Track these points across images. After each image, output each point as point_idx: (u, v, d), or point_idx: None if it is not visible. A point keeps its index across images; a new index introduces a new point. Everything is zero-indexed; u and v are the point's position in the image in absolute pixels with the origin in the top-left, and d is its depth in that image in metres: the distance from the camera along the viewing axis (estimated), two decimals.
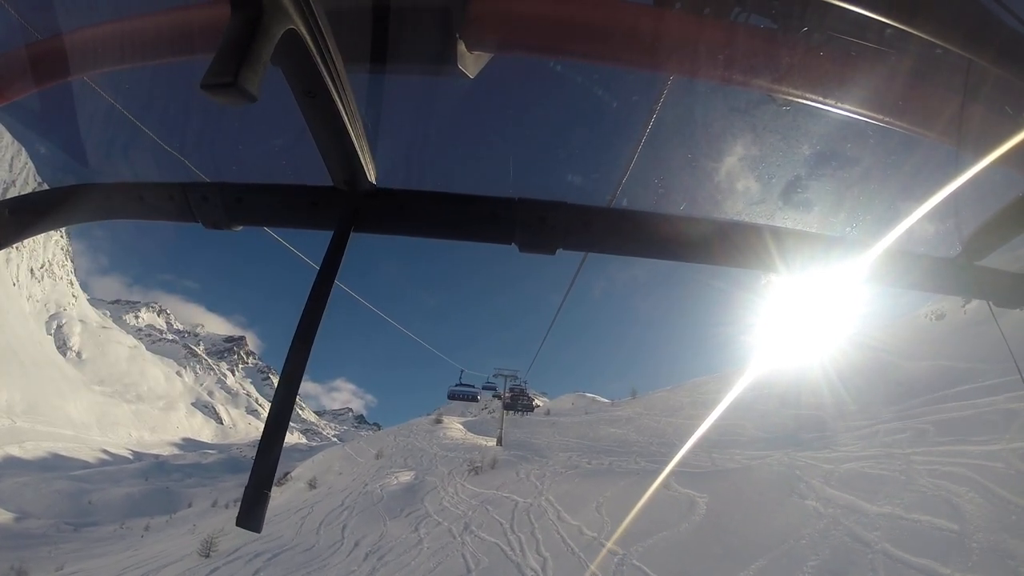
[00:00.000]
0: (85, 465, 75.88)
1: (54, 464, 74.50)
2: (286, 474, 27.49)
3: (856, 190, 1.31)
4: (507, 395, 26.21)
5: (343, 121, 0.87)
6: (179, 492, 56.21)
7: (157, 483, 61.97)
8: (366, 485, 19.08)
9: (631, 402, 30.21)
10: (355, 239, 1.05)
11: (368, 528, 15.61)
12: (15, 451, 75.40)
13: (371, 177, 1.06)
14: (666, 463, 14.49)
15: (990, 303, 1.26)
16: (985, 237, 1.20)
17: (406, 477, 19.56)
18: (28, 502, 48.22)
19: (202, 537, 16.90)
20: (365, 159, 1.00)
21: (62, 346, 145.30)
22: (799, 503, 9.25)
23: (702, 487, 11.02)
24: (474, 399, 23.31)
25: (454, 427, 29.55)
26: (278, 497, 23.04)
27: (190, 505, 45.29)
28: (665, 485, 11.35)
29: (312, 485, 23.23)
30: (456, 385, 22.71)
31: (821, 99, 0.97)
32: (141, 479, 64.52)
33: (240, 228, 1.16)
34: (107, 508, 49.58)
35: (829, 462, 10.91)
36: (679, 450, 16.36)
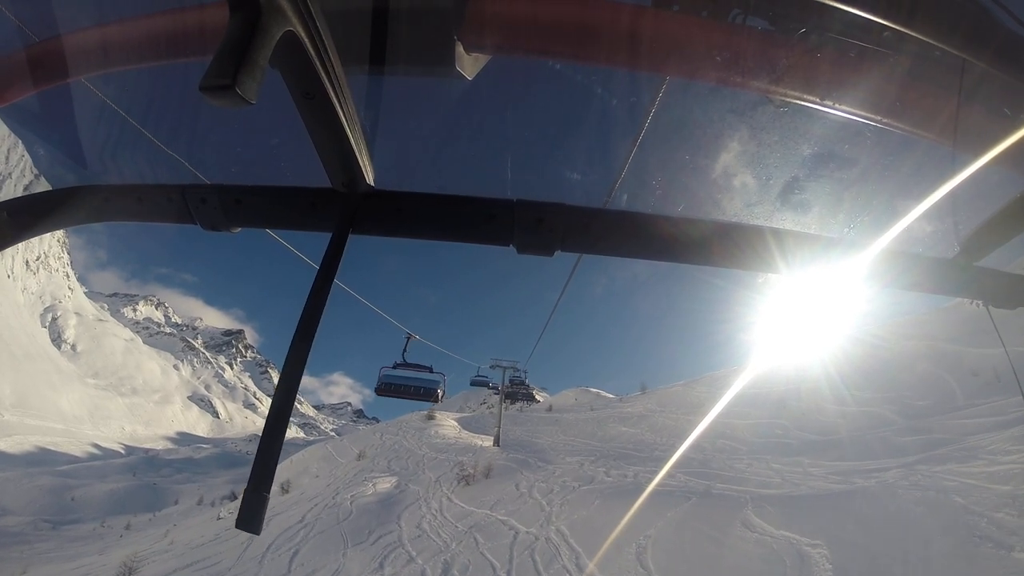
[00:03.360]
0: (73, 460, 73.61)
1: (41, 459, 72.21)
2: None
3: (854, 191, 1.29)
4: (507, 387, 22.29)
5: (341, 123, 0.87)
6: (166, 488, 53.76)
7: (145, 479, 59.42)
8: (337, 493, 15.89)
9: (641, 397, 27.04)
10: (354, 238, 1.04)
11: (323, 558, 11.95)
12: (0, 445, 73.06)
13: (369, 179, 1.05)
14: (711, 475, 10.96)
15: (988, 304, 1.25)
16: (983, 238, 1.19)
17: (385, 485, 16.24)
18: (9, 498, 46.44)
19: (166, 542, 13.55)
20: (363, 161, 1.00)
21: (56, 338, 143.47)
22: (1007, 560, 5.37)
23: (805, 524, 7.07)
24: (431, 395, 9.73)
25: (447, 424, 26.15)
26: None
27: (176, 502, 42.76)
28: (742, 520, 7.52)
29: (285, 489, 19.88)
30: (394, 366, 9.68)
31: (819, 100, 0.96)
32: (128, 474, 61.97)
33: (239, 230, 1.16)
34: (90, 505, 47.30)
35: (999, 480, 7.08)
36: (714, 456, 12.94)
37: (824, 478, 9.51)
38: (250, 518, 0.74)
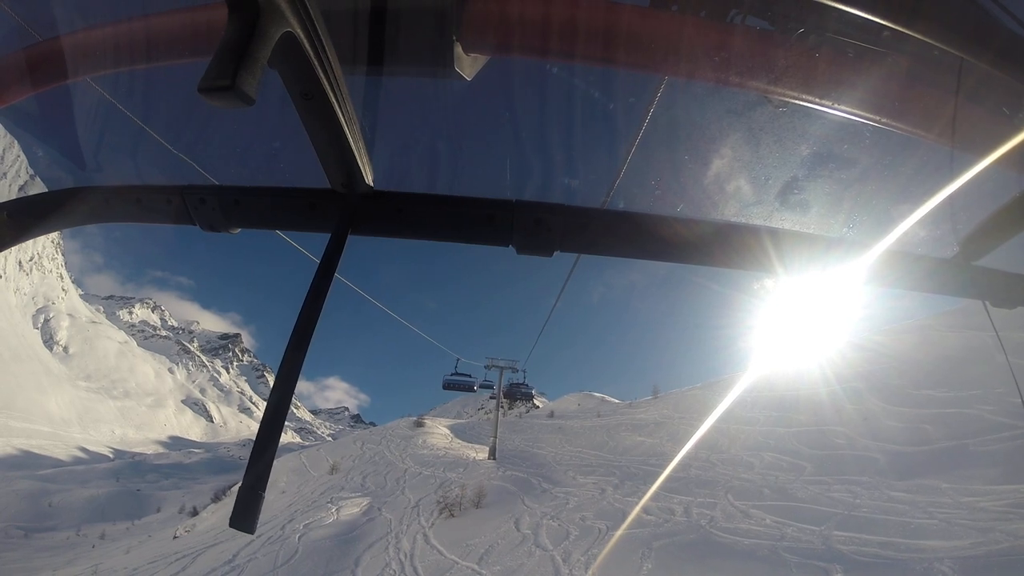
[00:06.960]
0: (57, 463, 71.69)
1: (22, 462, 70.39)
2: (229, 487, 23.04)
3: (853, 191, 1.30)
4: (504, 387, 21.49)
5: (340, 123, 0.87)
6: (150, 495, 52.00)
7: (129, 484, 57.65)
8: (292, 519, 13.19)
9: (653, 402, 25.02)
10: (353, 241, 1.05)
11: None
12: None
13: (368, 179, 1.06)
14: (805, 514, 8.06)
15: (987, 304, 1.26)
16: (982, 237, 1.20)
17: (352, 510, 13.64)
18: None
19: (91, 567, 11.89)
20: (362, 161, 1.01)
21: (48, 340, 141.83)
22: None
23: None
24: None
25: (437, 432, 24.75)
26: (198, 524, 18.22)
27: (158, 510, 41.15)
28: None
29: None
30: None
31: (818, 100, 0.97)
32: (111, 480, 60.12)
33: (238, 231, 1.16)
34: (68, 511, 45.46)
35: None
36: (776, 478, 10.16)
37: (1018, 513, 6.31)
38: (244, 517, 0.75)
